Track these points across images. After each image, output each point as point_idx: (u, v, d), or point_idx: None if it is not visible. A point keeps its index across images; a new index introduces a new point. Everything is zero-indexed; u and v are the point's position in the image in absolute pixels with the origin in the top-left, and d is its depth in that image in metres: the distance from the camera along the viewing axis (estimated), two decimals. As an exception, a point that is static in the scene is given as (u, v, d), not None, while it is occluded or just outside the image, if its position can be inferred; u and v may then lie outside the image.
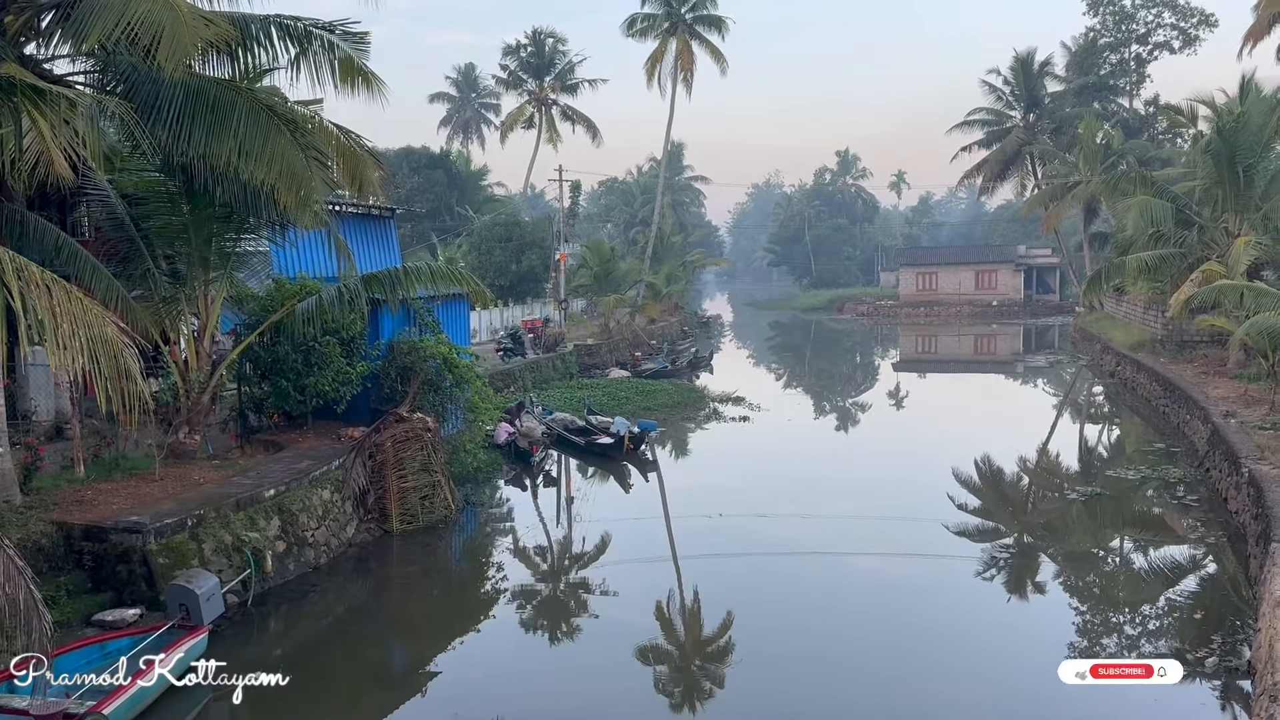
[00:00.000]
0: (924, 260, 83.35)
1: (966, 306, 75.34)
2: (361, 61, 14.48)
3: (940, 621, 13.14)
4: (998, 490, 21.66)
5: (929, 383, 44.75)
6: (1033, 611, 13.99)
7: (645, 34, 51.91)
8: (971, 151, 63.22)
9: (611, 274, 50.17)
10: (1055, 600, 14.29)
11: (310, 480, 15.59)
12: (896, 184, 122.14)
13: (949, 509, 18.86)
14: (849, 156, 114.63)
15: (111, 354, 7.28)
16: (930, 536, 16.93)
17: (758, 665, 11.81)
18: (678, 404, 31.05)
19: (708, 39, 51.47)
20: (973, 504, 19.91)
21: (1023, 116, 61.84)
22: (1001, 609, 13.97)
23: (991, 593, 14.72)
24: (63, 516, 12.74)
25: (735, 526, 17.86)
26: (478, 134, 78.69)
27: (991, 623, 13.28)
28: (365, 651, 12.88)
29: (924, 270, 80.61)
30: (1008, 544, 17.38)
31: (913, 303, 78.17)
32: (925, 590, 14.68)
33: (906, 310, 77.03)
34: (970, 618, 13.44)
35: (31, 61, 12.99)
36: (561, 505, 20.88)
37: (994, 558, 16.22)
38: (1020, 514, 19.80)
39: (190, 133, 13.03)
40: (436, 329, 20.81)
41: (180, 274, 16.78)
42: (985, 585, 14.83)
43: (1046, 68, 61.85)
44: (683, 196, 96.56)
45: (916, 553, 16.26)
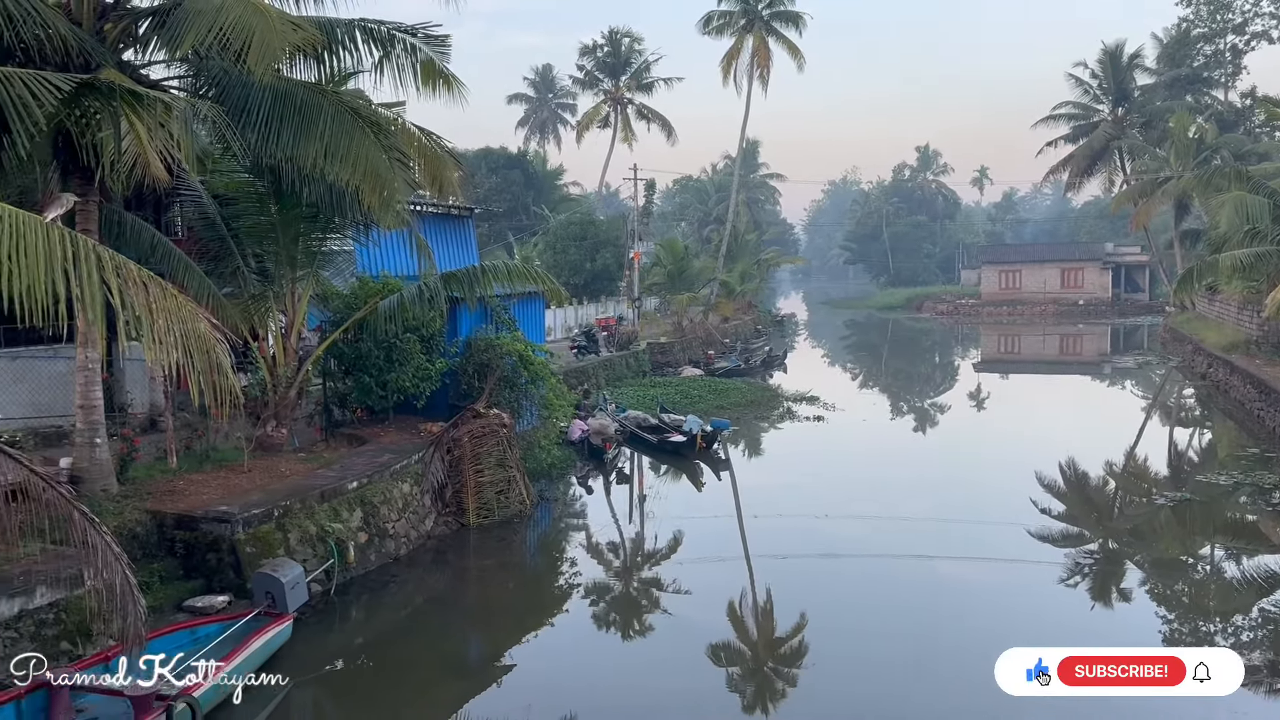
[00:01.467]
0: (1007, 258, 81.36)
1: (1051, 305, 73.31)
2: (442, 64, 14.74)
3: (1020, 627, 12.84)
4: (1082, 494, 21.06)
5: (1011, 384, 43.68)
6: (1117, 619, 13.59)
7: (721, 31, 51.80)
8: (1057, 146, 61.60)
9: (685, 272, 50.15)
10: (1141, 608, 13.86)
11: (391, 473, 15.97)
12: (979, 180, 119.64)
13: (1031, 513, 18.42)
14: (929, 152, 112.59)
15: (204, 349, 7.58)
16: (1011, 540, 16.56)
17: (832, 667, 11.73)
18: (751, 403, 30.91)
19: (784, 35, 51.10)
20: (1056, 508, 19.41)
21: (1111, 110, 59.96)
22: (1084, 616, 13.60)
23: (1075, 599, 14.33)
24: (156, 505, 13.29)
25: (809, 527, 17.71)
26: (554, 134, 79.38)
27: (1074, 629, 12.93)
28: (442, 642, 13.15)
29: (1007, 268, 78.69)
30: (1092, 550, 16.91)
31: (995, 301, 76.38)
32: (1005, 595, 14.38)
33: (988, 309, 75.31)
34: (1052, 624, 13.12)
35: (129, 67, 13.52)
36: (634, 502, 20.98)
37: (1078, 564, 15.80)
38: (1105, 519, 19.24)
39: (279, 135, 13.44)
40: (513, 326, 21.09)
41: (269, 272, 17.34)
42: (1068, 592, 14.45)
43: (1136, 60, 59.83)
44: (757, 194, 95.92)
45: (996, 557, 15.92)
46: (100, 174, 13.03)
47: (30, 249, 6.88)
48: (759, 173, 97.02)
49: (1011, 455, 24.24)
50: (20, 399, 16.65)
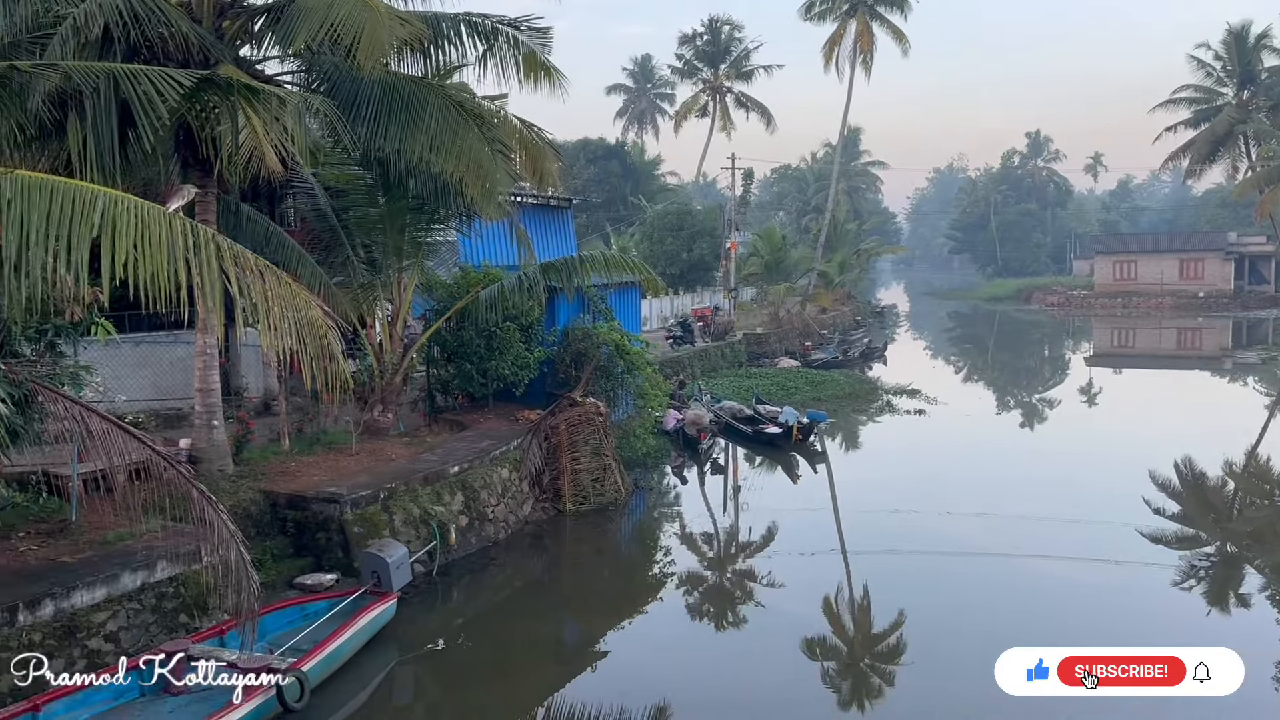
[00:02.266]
0: (1122, 248, 77.93)
1: (1169, 298, 69.95)
2: (544, 56, 14.90)
3: (1130, 631, 12.33)
4: (1199, 495, 20.10)
5: (1125, 379, 41.93)
6: (1233, 625, 12.93)
7: (824, 17, 51.01)
8: (1177, 131, 58.83)
9: (782, 262, 49.64)
10: (1261, 615, 13.17)
11: (491, 459, 16.29)
12: (1092, 167, 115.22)
13: (1143, 513, 17.68)
14: (1040, 138, 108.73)
15: (317, 336, 7.86)
16: (1122, 541, 15.92)
17: (931, 667, 11.48)
18: (849, 395, 30.44)
19: (889, 19, 50.03)
20: (1170, 509, 18.58)
21: (1236, 94, 56.87)
22: (1199, 621, 13.00)
23: (1188, 603, 13.72)
24: (269, 486, 13.85)
25: (908, 523, 17.37)
26: (652, 124, 79.51)
27: (1186, 633, 12.35)
28: (539, 625, 13.36)
29: (1122, 258, 75.39)
30: (1208, 553, 16.15)
31: (1108, 293, 73.30)
32: (1113, 597, 13.82)
33: (1101, 301, 72.34)
34: (1162, 629, 12.58)
35: (246, 63, 14.07)
36: (728, 493, 20.92)
37: (1193, 566, 15.11)
38: (1224, 521, 18.31)
39: (387, 128, 13.81)
40: (609, 316, 21.24)
41: (376, 262, 17.86)
42: (1182, 595, 13.85)
43: (1264, 40, 56.53)
44: (858, 182, 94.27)
45: (1105, 558, 15.33)
46: (219, 166, 13.62)
47: (154, 238, 7.23)
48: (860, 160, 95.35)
49: (1124, 453, 23.30)
50: (143, 382, 17.54)
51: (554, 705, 10.74)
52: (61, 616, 9.43)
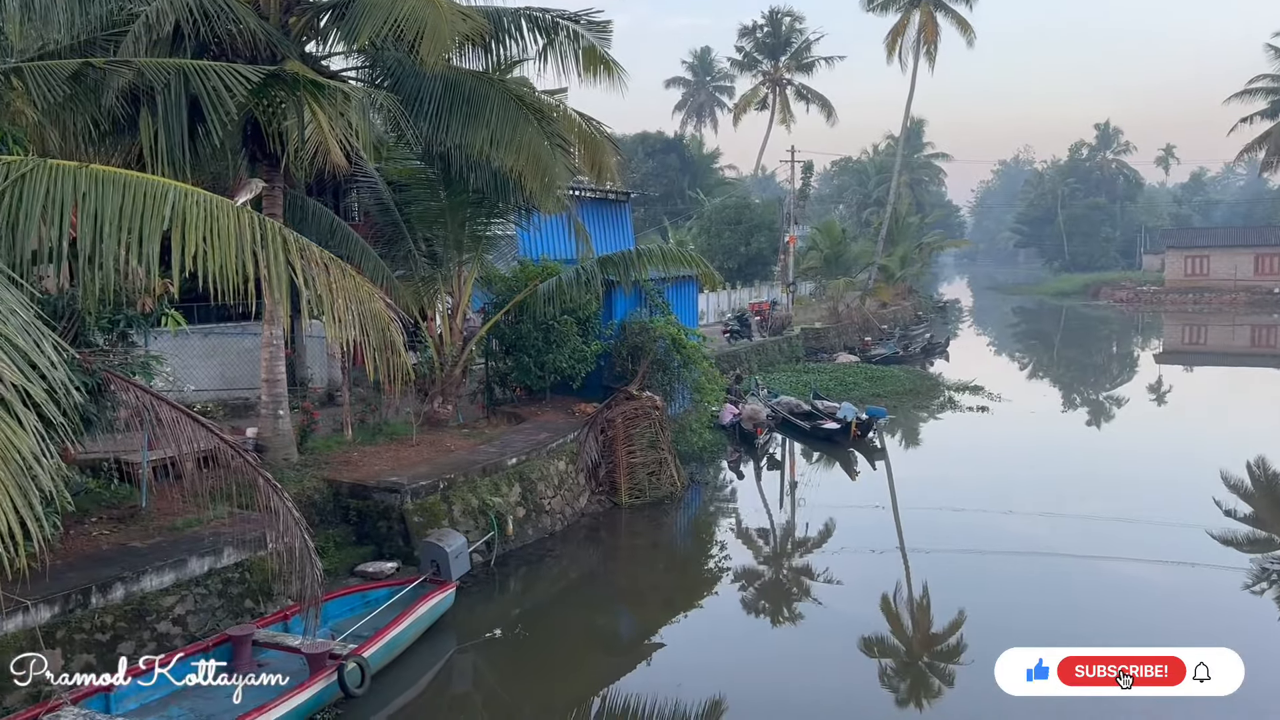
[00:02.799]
0: (1194, 242, 75.55)
1: (1243, 294, 67.67)
2: (603, 50, 14.91)
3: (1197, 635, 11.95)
4: (1273, 497, 19.43)
5: (1196, 377, 40.70)
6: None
7: (886, 7, 50.27)
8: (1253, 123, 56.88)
9: (842, 256, 49.11)
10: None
11: (548, 451, 16.39)
12: (1164, 159, 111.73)
13: (1214, 514, 17.14)
14: (1109, 130, 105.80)
15: (379, 327, 7.96)
16: (1191, 543, 15.47)
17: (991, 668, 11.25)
18: (909, 391, 30.01)
19: (953, 9, 49.13)
20: (1242, 510, 17.99)
21: (1317, 83, 54.75)
22: (1272, 627, 12.55)
23: (1260, 608, 13.27)
24: (333, 475, 14.10)
25: (969, 522, 17.07)
26: (710, 117, 79.15)
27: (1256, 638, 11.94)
28: (595, 617, 13.42)
29: (1194, 253, 73.11)
30: (1285, 557, 15.60)
31: (1180, 289, 71.20)
32: (1182, 600, 13.43)
33: (1172, 297, 70.28)
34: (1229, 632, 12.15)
35: (311, 59, 14.31)
36: (785, 489, 20.77)
37: (1264, 570, 14.59)
38: (1302, 525, 17.67)
39: (448, 123, 13.95)
40: (666, 310, 21.21)
41: (437, 256, 18.07)
42: (1253, 600, 13.40)
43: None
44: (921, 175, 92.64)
45: (1172, 560, 14.90)
46: (285, 161, 13.88)
47: (223, 231, 7.39)
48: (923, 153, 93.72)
49: (1194, 453, 22.63)
50: (211, 373, 17.98)
51: (609, 697, 10.78)
52: (132, 600, 9.72)
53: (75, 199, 7.35)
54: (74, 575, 9.55)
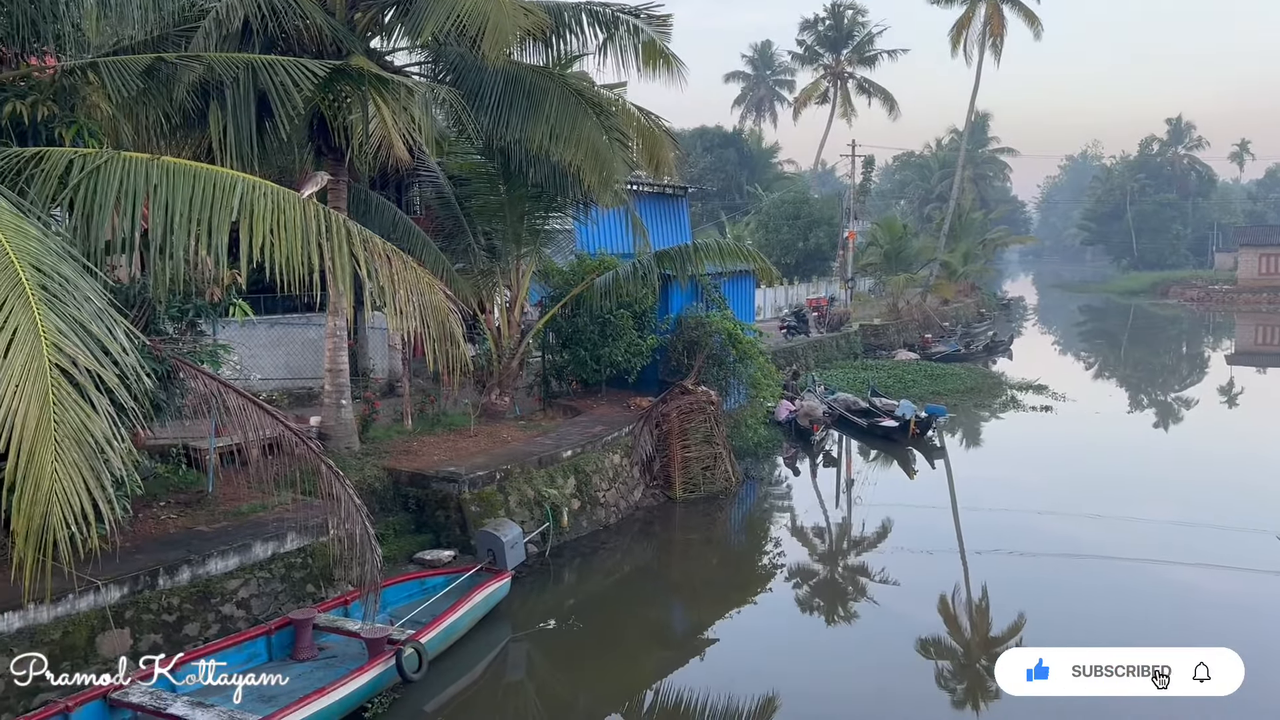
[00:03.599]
0: (1270, 240, 72.99)
1: (1321, 294, 65.35)
2: (663, 44, 14.88)
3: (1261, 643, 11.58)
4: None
5: (1270, 379, 39.36)
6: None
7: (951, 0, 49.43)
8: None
9: (902, 252, 48.42)
10: None
11: (603, 444, 16.45)
12: (1238, 155, 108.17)
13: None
14: (1181, 125, 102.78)
15: (439, 319, 8.06)
16: (1261, 550, 14.97)
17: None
18: (970, 389, 29.51)
19: (1020, 1, 48.08)
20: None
21: None
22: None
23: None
24: (393, 464, 14.32)
25: (1031, 524, 16.72)
26: (770, 112, 78.61)
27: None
28: (648, 610, 13.44)
29: (1269, 251, 70.65)
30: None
31: (1253, 288, 68.88)
32: (1247, 608, 13.00)
33: (1245, 296, 68.04)
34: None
35: (375, 54, 14.52)
36: (841, 487, 20.57)
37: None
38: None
39: (509, 118, 14.07)
40: (723, 305, 21.14)
41: (496, 249, 18.24)
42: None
43: None
44: (985, 170, 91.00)
45: (1240, 566, 14.43)
46: (349, 155, 14.10)
47: (289, 222, 7.54)
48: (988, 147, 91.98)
49: (1265, 456, 21.88)
50: (277, 362, 18.38)
51: (662, 690, 10.79)
52: (198, 582, 9.97)
53: (147, 190, 7.56)
54: (142, 557, 9.83)
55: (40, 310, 5.64)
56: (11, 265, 5.88)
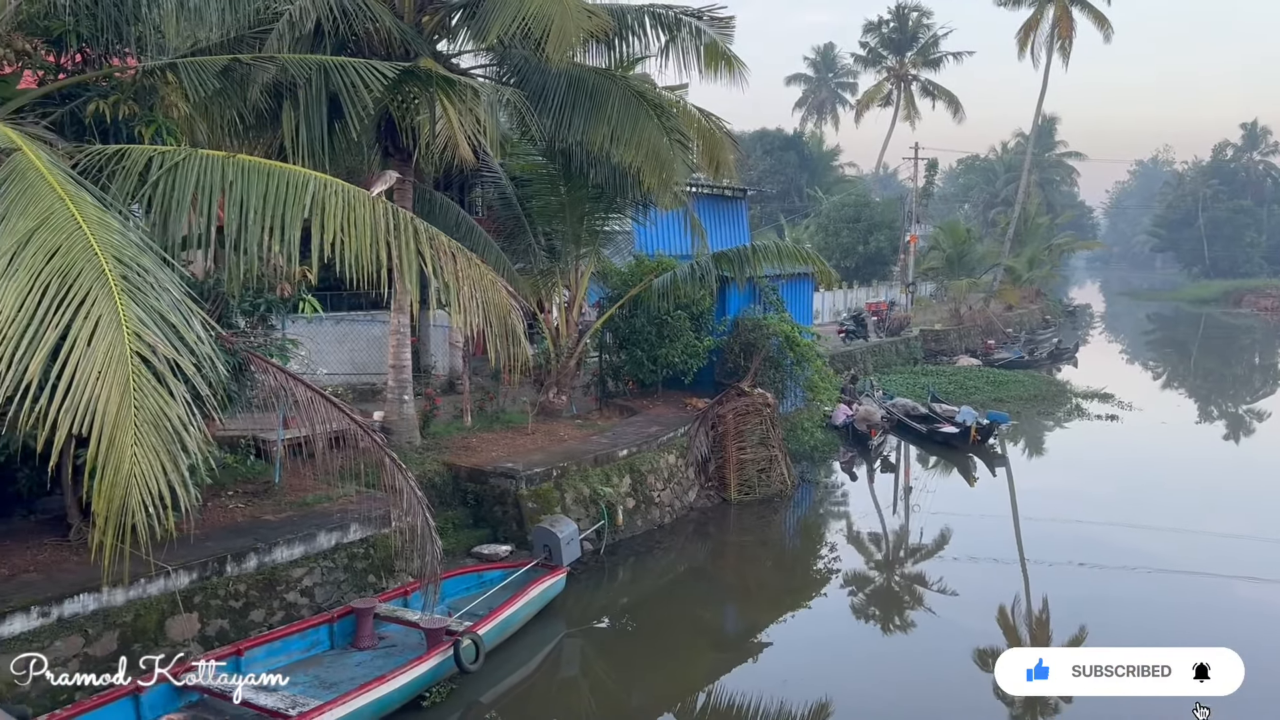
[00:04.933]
0: (1353, 248, 70.42)
1: (1407, 305, 62.73)
2: (725, 46, 14.91)
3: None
4: None
5: (1350, 392, 37.99)
6: None
7: (1019, 1, 48.59)
8: None
9: (965, 257, 47.66)
10: None
11: (658, 444, 16.50)
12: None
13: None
14: (1256, 129, 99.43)
15: (501, 316, 8.18)
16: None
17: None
18: (1034, 397, 28.97)
19: (1090, 3, 47.06)
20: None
21: None
22: None
23: None
24: (452, 459, 14.55)
25: (1094, 535, 16.36)
26: (832, 114, 77.92)
27: None
28: (701, 611, 13.44)
29: (1352, 260, 68.13)
30: None
31: (1334, 298, 66.46)
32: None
33: (1324, 306, 65.68)
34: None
35: (442, 57, 14.78)
36: (899, 493, 20.35)
37: None
38: None
39: (571, 119, 14.20)
40: (780, 307, 21.06)
41: (556, 249, 18.41)
42: None
43: None
44: (1052, 174, 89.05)
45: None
46: (416, 155, 14.36)
47: (359, 220, 7.72)
48: (1055, 151, 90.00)
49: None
50: (342, 358, 18.77)
51: (714, 692, 10.80)
52: (264, 570, 10.25)
53: (223, 187, 7.79)
54: (211, 544, 10.13)
55: (122, 300, 5.86)
56: (96, 257, 6.11)
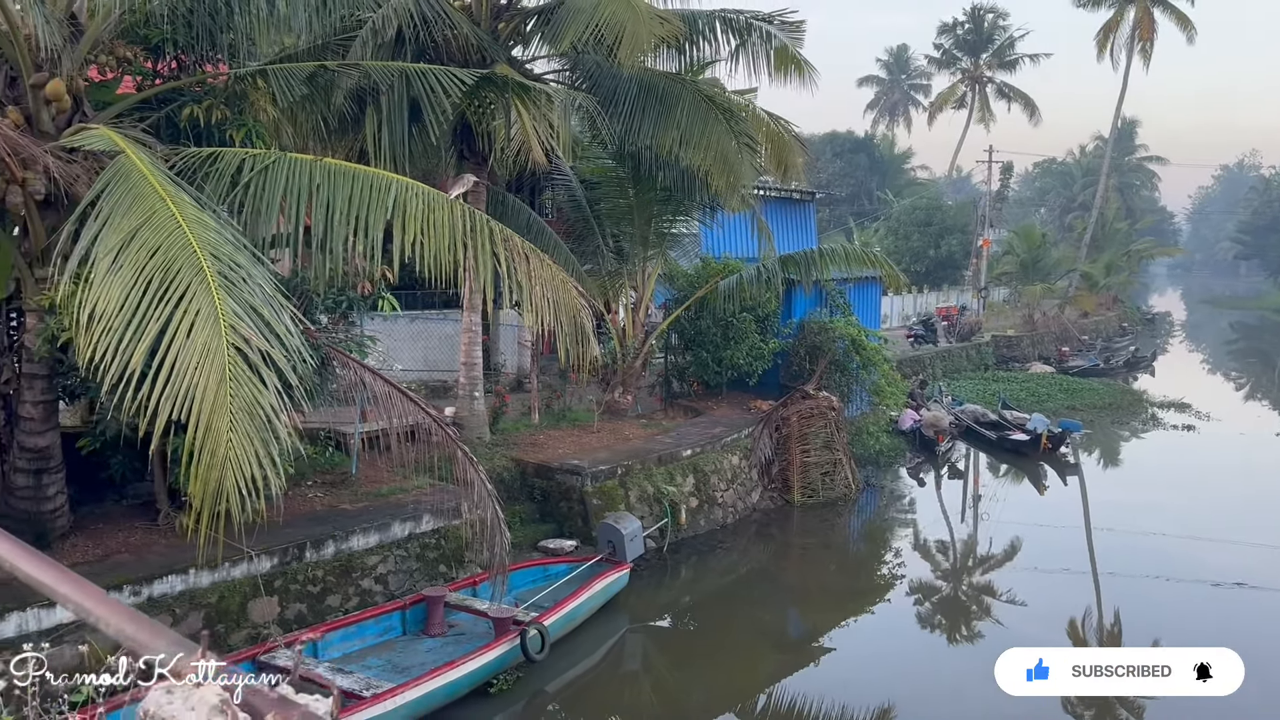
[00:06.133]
0: None
1: None
2: (795, 49, 14.98)
3: None
4: None
5: None
6: None
7: (1099, 3, 47.52)
8: None
9: (1040, 262, 46.76)
10: None
11: (722, 445, 16.62)
12: None
13: None
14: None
15: (572, 316, 8.41)
16: None
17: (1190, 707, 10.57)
18: (1108, 405, 28.33)
19: (1172, 4, 45.80)
20: None
21: None
22: None
23: None
24: (520, 455, 14.87)
25: (1169, 547, 16.00)
26: (904, 116, 77.02)
27: None
28: (763, 613, 13.52)
29: None
30: None
31: None
32: None
33: None
34: None
35: (517, 63, 15.11)
36: (967, 500, 20.12)
37: None
38: None
39: (641, 123, 14.42)
40: (847, 310, 20.98)
41: (624, 251, 18.66)
42: None
43: None
44: (1132, 179, 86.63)
45: None
46: (491, 159, 14.72)
47: (438, 222, 8.02)
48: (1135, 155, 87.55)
49: None
50: (415, 355, 19.27)
51: (775, 694, 10.88)
52: (340, 557, 10.65)
53: (311, 189, 8.16)
54: (291, 531, 10.55)
55: (219, 295, 6.22)
56: (195, 254, 6.50)
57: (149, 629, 1.51)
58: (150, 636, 1.49)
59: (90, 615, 1.53)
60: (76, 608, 1.58)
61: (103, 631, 1.54)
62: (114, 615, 1.53)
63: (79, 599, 1.54)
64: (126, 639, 1.50)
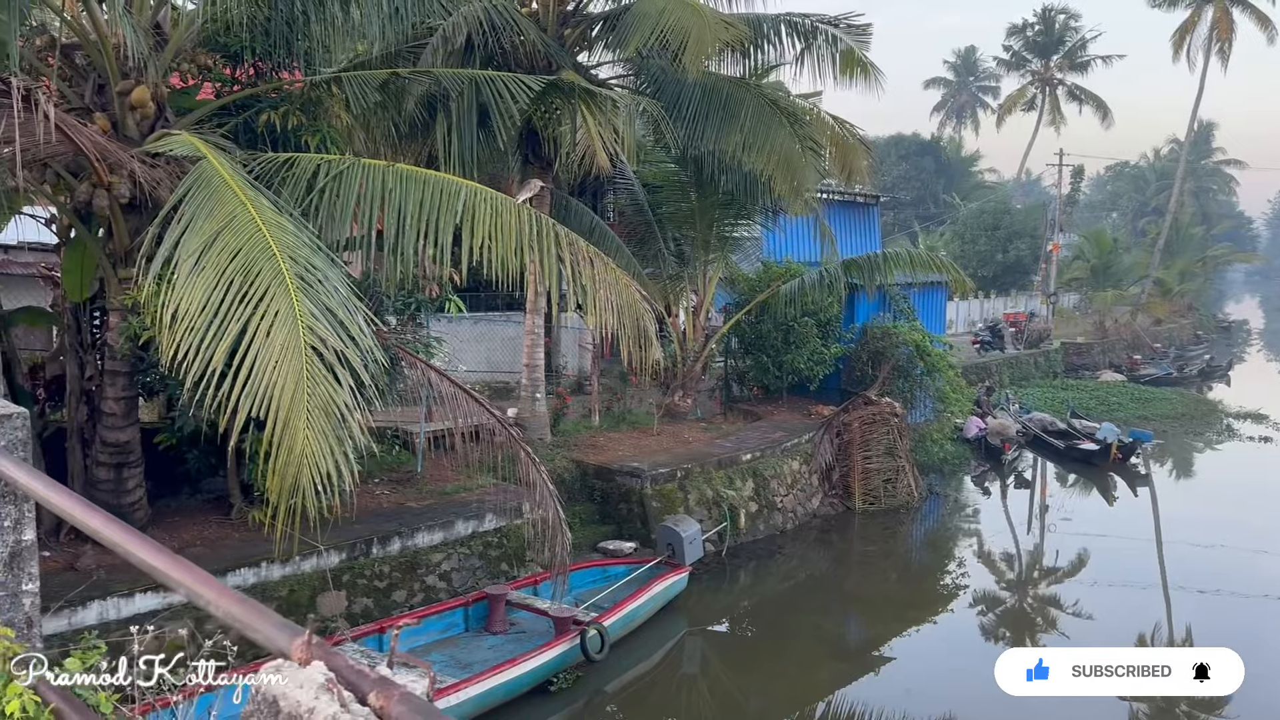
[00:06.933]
0: None
1: None
2: (861, 52, 14.89)
3: None
4: None
5: None
6: None
7: (1175, 3, 46.26)
8: None
9: (1111, 267, 45.68)
10: None
11: (782, 450, 16.56)
12: None
13: None
14: None
15: (634, 319, 8.48)
16: None
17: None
18: (1181, 415, 27.56)
19: (1252, 3, 44.39)
20: None
21: None
22: None
23: None
24: (580, 456, 15.01)
25: (1244, 562, 15.51)
26: (971, 118, 75.73)
27: None
28: (822, 620, 13.44)
29: None
30: None
31: None
32: None
33: None
34: None
35: (582, 68, 15.26)
36: (1033, 511, 19.75)
37: None
38: None
39: (704, 128, 14.47)
40: (911, 316, 20.74)
41: (685, 255, 18.71)
42: None
43: None
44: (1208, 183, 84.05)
45: None
46: (556, 164, 14.89)
47: (505, 226, 8.16)
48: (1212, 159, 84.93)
49: None
50: (479, 356, 19.56)
51: (834, 702, 10.82)
52: (406, 553, 10.87)
53: (384, 194, 8.36)
54: (359, 527, 10.80)
55: (297, 296, 6.42)
56: (274, 257, 6.71)
57: (256, 612, 1.61)
58: (258, 619, 1.59)
59: (201, 598, 1.64)
60: (189, 591, 1.69)
61: (213, 614, 1.65)
62: (223, 599, 1.63)
63: (191, 583, 1.66)
64: (235, 620, 1.60)
